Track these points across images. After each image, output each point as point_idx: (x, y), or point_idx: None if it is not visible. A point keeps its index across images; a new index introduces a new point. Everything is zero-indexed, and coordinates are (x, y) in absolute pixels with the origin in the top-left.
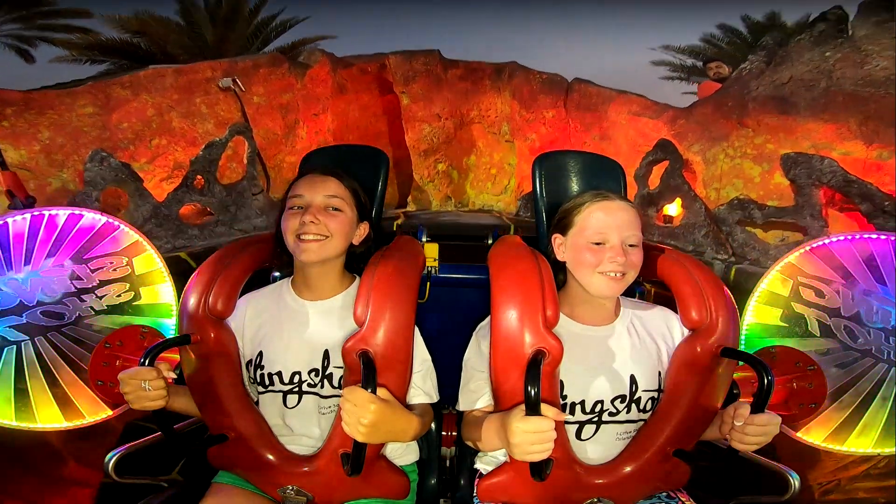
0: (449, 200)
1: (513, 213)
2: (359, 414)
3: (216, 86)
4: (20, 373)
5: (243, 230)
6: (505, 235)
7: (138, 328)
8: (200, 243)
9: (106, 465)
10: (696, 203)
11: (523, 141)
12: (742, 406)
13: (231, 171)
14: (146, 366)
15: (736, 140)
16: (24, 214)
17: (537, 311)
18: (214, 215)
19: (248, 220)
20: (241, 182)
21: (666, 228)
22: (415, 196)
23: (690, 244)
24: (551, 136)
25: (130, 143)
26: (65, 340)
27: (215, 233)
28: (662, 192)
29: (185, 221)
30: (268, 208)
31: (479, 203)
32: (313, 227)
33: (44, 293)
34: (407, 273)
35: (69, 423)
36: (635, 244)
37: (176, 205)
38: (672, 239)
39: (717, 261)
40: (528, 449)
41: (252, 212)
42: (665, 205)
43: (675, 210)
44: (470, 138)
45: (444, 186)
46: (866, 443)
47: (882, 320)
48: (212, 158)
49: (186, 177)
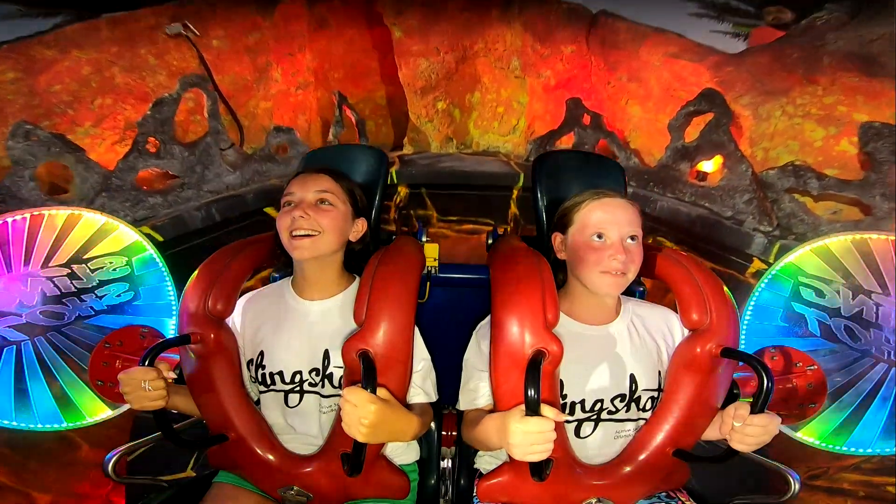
0: (450, 142)
1: (522, 158)
2: (359, 414)
3: (163, 34)
4: (20, 373)
5: (214, 191)
6: (505, 235)
7: (138, 328)
8: (165, 212)
9: (105, 465)
10: (741, 165)
11: (536, 78)
12: (742, 406)
13: (197, 125)
14: (146, 366)
15: (798, 97)
16: (25, 214)
17: (537, 312)
18: (179, 178)
19: (218, 178)
20: (205, 139)
21: (701, 189)
22: (412, 137)
23: (729, 209)
24: (569, 73)
25: (68, 106)
26: (65, 340)
27: (182, 198)
28: (701, 147)
29: (145, 189)
30: (242, 163)
31: (483, 144)
32: (303, 221)
33: (43, 293)
34: (407, 273)
35: (69, 423)
36: (636, 243)
37: (129, 172)
38: (707, 201)
39: (759, 233)
40: (527, 449)
41: (223, 169)
42: (701, 160)
43: (712, 167)
44: (473, 73)
45: (445, 126)
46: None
47: (882, 320)
48: (163, 117)
49: (136, 141)
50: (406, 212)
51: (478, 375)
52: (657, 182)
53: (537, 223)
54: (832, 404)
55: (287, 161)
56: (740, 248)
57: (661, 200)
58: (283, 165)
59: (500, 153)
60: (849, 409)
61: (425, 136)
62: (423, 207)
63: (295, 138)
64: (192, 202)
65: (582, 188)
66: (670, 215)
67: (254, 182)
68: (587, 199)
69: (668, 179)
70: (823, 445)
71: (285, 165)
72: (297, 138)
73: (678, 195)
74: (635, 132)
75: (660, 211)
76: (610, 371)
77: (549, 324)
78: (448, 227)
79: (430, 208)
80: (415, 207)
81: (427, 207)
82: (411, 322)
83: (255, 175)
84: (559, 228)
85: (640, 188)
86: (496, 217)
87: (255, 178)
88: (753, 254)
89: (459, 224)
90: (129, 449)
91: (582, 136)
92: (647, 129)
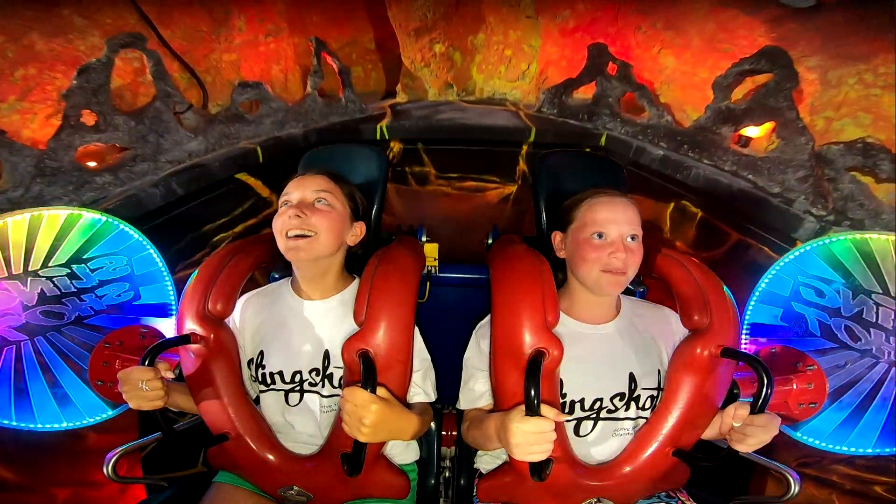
0: (450, 88)
1: (533, 107)
2: (359, 414)
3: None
4: (20, 373)
5: (175, 160)
6: (505, 235)
7: (138, 328)
8: (119, 191)
9: (105, 465)
10: (801, 136)
11: (552, 19)
12: (742, 407)
13: (150, 87)
14: (146, 366)
15: (881, 65)
16: (25, 214)
17: (537, 312)
18: (131, 150)
19: (178, 146)
20: (153, 104)
21: (744, 158)
22: (406, 84)
23: (777, 185)
24: (591, 15)
25: None
26: (65, 340)
27: (136, 173)
28: (751, 111)
29: (90, 168)
30: (205, 126)
31: (488, 91)
32: (297, 221)
33: (43, 293)
34: (407, 273)
35: (69, 424)
36: (636, 242)
37: (65, 151)
38: (753, 172)
39: (811, 216)
40: (527, 449)
41: (182, 136)
42: (749, 126)
43: (757, 133)
44: (477, 13)
45: (443, 71)
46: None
47: (882, 320)
48: (94, 86)
49: (66, 115)
50: (400, 169)
51: (478, 375)
52: (693, 146)
53: (537, 222)
54: (832, 404)
55: (259, 120)
56: (785, 230)
57: (697, 168)
58: (255, 125)
59: (508, 101)
60: (849, 409)
61: (421, 83)
62: (419, 164)
63: (265, 93)
64: (150, 177)
65: (582, 188)
66: (707, 186)
67: (221, 147)
68: (587, 197)
69: (705, 143)
70: (823, 445)
71: (257, 125)
72: (268, 93)
73: (717, 163)
74: (667, 85)
75: (695, 180)
76: (609, 370)
77: (549, 324)
78: (448, 185)
79: (427, 164)
80: (410, 164)
81: (424, 164)
82: (411, 322)
83: (221, 138)
84: (559, 227)
85: (672, 150)
86: (502, 174)
87: (223, 141)
88: (800, 239)
89: (461, 181)
90: (129, 449)
91: (605, 87)
92: (681, 82)
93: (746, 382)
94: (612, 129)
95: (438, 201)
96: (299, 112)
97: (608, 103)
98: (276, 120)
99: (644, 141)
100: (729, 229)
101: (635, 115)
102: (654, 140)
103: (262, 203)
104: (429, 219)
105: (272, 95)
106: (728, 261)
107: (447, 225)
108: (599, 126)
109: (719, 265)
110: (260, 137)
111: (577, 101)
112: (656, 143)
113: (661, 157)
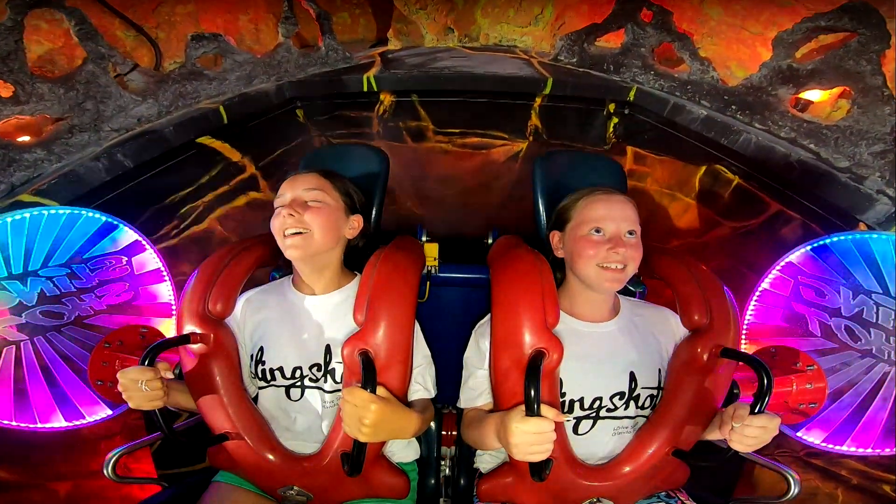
0: (450, 33)
1: (548, 56)
2: (359, 415)
3: None
4: (20, 373)
5: (122, 128)
6: (505, 235)
7: (138, 328)
8: (53, 167)
9: (106, 465)
10: (883, 106)
11: None
12: (741, 407)
13: None
14: (146, 366)
15: None
16: (25, 214)
17: (537, 312)
18: (66, 121)
19: (123, 112)
20: (84, 67)
21: (806, 125)
22: (398, 30)
23: (846, 158)
24: None
25: None
26: (65, 340)
27: (75, 145)
28: (819, 73)
29: (17, 144)
30: (155, 87)
31: (494, 37)
32: (291, 220)
33: (43, 293)
34: (407, 272)
35: (69, 423)
36: (634, 238)
37: None
38: (816, 142)
39: (885, 197)
40: (527, 449)
41: (127, 100)
42: (812, 88)
43: (818, 98)
44: None
45: (442, 15)
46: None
47: (882, 320)
48: (3, 54)
49: None
50: (393, 124)
51: (478, 373)
52: (742, 107)
53: (537, 223)
54: (832, 404)
55: (222, 77)
56: (850, 210)
57: (747, 133)
58: (217, 82)
59: (517, 48)
60: (849, 409)
61: (417, 28)
62: (414, 118)
63: (226, 45)
64: (92, 149)
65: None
66: (759, 153)
67: (178, 108)
68: (584, 195)
69: (757, 105)
70: (823, 445)
71: (219, 82)
72: (230, 45)
73: (771, 128)
74: (709, 38)
75: (744, 146)
76: (609, 369)
77: (549, 324)
78: (448, 142)
79: (424, 119)
80: (404, 119)
81: (420, 118)
82: (411, 322)
83: (177, 99)
84: (557, 226)
85: (717, 111)
86: (511, 129)
87: (179, 102)
88: (867, 222)
89: (463, 137)
90: (129, 449)
91: (637, 36)
92: (726, 35)
93: (746, 382)
94: (644, 84)
95: (437, 159)
96: (270, 64)
97: (640, 54)
98: (243, 74)
99: (683, 98)
100: (769, 199)
101: (671, 69)
102: (695, 98)
103: (233, 168)
104: (427, 179)
105: (235, 48)
106: (761, 232)
107: (447, 186)
108: (628, 79)
109: (750, 236)
110: (225, 95)
111: (601, 50)
112: (697, 102)
113: (703, 117)
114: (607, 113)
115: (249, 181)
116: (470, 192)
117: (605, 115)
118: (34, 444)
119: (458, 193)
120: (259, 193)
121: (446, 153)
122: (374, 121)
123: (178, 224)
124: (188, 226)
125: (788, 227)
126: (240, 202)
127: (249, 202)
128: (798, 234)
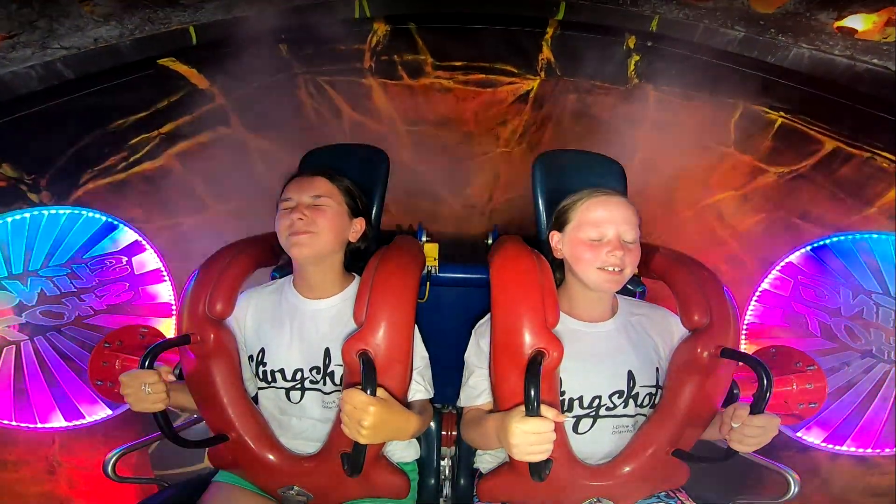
0: None
1: None
2: (358, 416)
3: None
4: (20, 373)
5: (74, 46)
6: (505, 235)
7: (138, 328)
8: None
9: (105, 465)
10: None
11: None
12: (741, 407)
13: None
14: (146, 367)
15: None
16: (25, 214)
17: (537, 312)
18: (14, 38)
19: (79, 32)
20: None
21: (861, 42)
22: None
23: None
24: None
25: None
26: (65, 340)
27: (13, 59)
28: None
29: None
30: (121, 12)
31: None
32: (301, 223)
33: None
34: (407, 273)
35: (69, 423)
36: (633, 241)
37: None
38: (869, 55)
39: None
40: (527, 450)
41: (87, 20)
42: (856, 12)
43: (862, 26)
44: None
45: None
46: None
47: (882, 320)
48: None
49: None
50: (387, 58)
51: (478, 373)
52: (781, 30)
53: (537, 223)
54: (832, 404)
55: (199, 4)
56: None
57: (794, 48)
58: (192, 10)
59: None
60: (849, 409)
61: None
62: (411, 50)
63: None
64: (35, 61)
65: (582, 188)
66: (815, 67)
67: (143, 33)
68: (584, 196)
69: (799, 28)
70: (823, 445)
71: (194, 10)
72: None
73: (821, 47)
74: None
75: (795, 61)
76: (607, 367)
77: (548, 324)
78: (449, 78)
79: (422, 51)
80: (400, 52)
81: (418, 50)
82: (411, 322)
83: (144, 24)
84: (556, 227)
85: (754, 34)
86: (520, 63)
87: (146, 27)
88: None
89: (465, 73)
90: (129, 449)
91: None
92: None
93: (746, 382)
94: (666, 14)
95: (437, 99)
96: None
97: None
98: (222, 4)
99: (713, 25)
100: (823, 136)
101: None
102: (727, 23)
103: (198, 97)
104: (425, 123)
105: None
106: (816, 175)
107: (448, 130)
108: (647, 10)
109: (801, 180)
110: (199, 22)
111: None
112: (730, 27)
113: (741, 37)
114: (627, 48)
115: (217, 113)
116: (473, 139)
117: (625, 51)
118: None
119: (460, 142)
120: (228, 129)
121: (447, 91)
122: (365, 54)
123: (127, 156)
124: (140, 160)
125: (849, 165)
126: (204, 138)
127: (216, 139)
128: (864, 174)
